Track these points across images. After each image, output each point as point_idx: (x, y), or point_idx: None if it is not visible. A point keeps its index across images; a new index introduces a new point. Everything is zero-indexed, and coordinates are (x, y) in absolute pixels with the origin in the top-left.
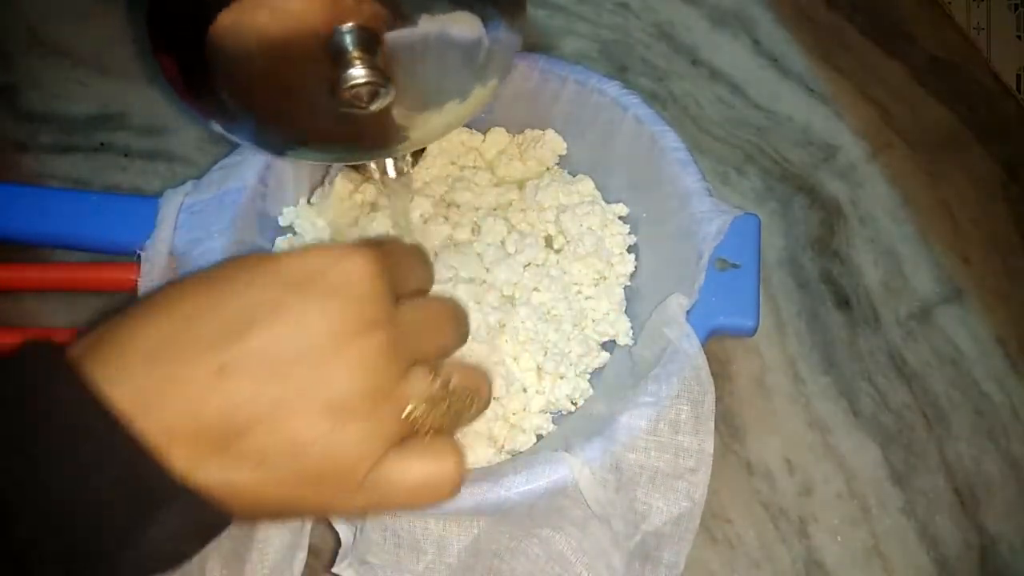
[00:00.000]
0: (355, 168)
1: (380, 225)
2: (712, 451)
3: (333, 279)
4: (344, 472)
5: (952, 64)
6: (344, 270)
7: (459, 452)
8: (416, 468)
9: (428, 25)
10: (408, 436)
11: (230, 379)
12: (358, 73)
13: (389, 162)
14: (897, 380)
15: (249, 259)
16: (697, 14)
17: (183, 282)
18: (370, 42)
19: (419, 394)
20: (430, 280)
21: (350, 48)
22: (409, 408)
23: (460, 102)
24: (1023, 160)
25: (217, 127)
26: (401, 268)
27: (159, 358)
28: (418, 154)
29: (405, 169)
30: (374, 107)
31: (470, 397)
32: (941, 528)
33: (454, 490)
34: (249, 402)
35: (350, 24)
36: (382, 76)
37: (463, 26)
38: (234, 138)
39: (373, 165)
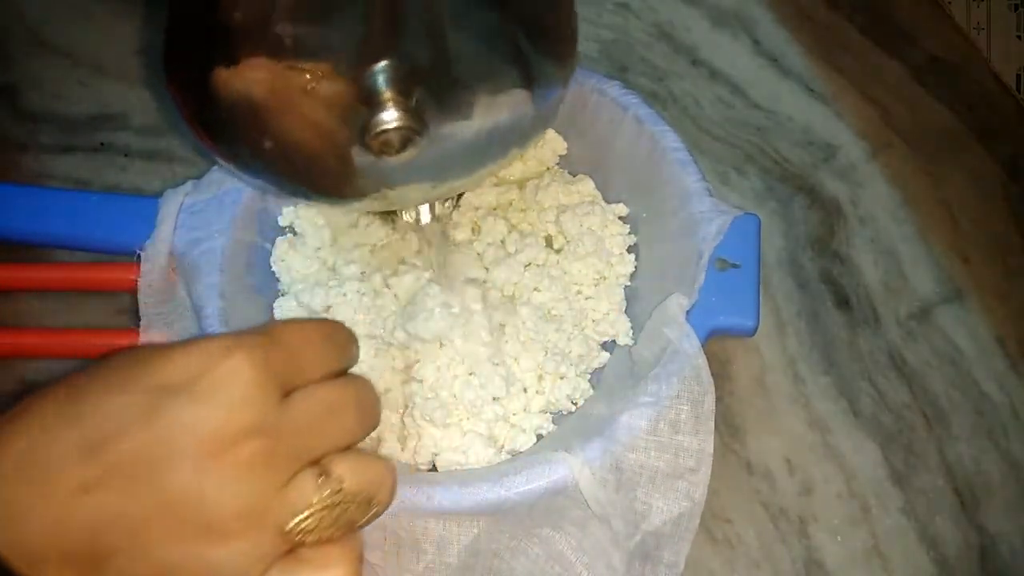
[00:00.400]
0: (388, 214)
1: (380, 227)
2: (712, 451)
3: (208, 383)
4: None
5: (952, 64)
6: (221, 373)
7: (352, 558)
8: None
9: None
10: (297, 545)
11: (93, 496)
12: (390, 117)
13: (423, 208)
14: (897, 380)
15: (123, 358)
16: (697, 14)
17: (53, 387)
18: (406, 83)
19: (304, 504)
20: (344, 360)
21: (383, 88)
22: (293, 522)
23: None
24: (1023, 160)
25: (230, 166)
26: (298, 356)
27: (22, 474)
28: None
29: (440, 213)
30: (404, 157)
31: (366, 500)
32: (941, 528)
33: None
34: (113, 522)
35: (384, 63)
36: (418, 121)
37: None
38: (250, 184)
39: (405, 214)
